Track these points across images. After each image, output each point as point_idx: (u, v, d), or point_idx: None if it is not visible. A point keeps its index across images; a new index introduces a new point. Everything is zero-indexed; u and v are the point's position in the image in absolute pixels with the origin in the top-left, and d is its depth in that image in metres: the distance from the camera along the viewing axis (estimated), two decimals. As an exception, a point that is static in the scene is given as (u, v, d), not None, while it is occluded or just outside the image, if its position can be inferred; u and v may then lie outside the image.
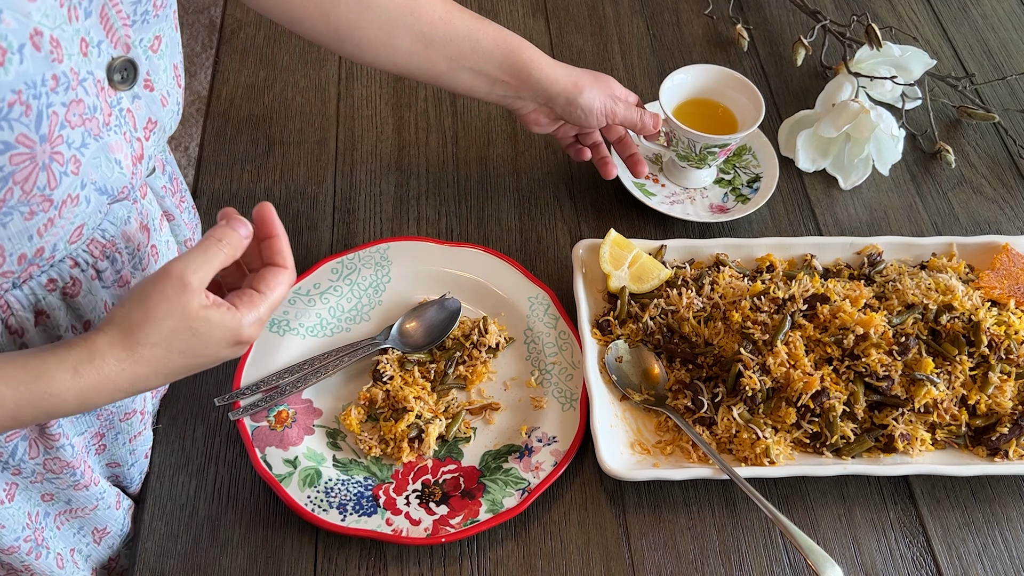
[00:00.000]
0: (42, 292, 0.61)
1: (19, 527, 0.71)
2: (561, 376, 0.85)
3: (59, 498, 0.75)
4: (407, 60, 0.84)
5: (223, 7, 1.21)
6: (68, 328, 0.64)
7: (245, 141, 1.06)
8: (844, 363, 0.81)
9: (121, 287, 0.67)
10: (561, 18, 1.21)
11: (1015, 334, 0.82)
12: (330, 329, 0.89)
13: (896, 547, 0.79)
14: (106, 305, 0.66)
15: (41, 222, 0.55)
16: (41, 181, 0.53)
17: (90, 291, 0.64)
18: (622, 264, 0.89)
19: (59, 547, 0.77)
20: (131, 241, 0.66)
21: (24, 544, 0.72)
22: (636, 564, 0.77)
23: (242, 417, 0.81)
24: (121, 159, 0.59)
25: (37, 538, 0.74)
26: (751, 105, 0.98)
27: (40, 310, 0.62)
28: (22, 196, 0.52)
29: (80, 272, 0.63)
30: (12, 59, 0.48)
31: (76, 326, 0.65)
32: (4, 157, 0.50)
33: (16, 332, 0.61)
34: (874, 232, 1.01)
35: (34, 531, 0.73)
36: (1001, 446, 0.80)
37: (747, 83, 0.98)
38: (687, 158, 0.98)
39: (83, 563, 0.82)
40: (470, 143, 1.07)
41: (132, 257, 0.67)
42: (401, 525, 0.76)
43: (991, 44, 1.22)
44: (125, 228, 0.66)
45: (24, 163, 0.51)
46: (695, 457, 0.80)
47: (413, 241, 0.93)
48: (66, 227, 0.57)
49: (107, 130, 0.57)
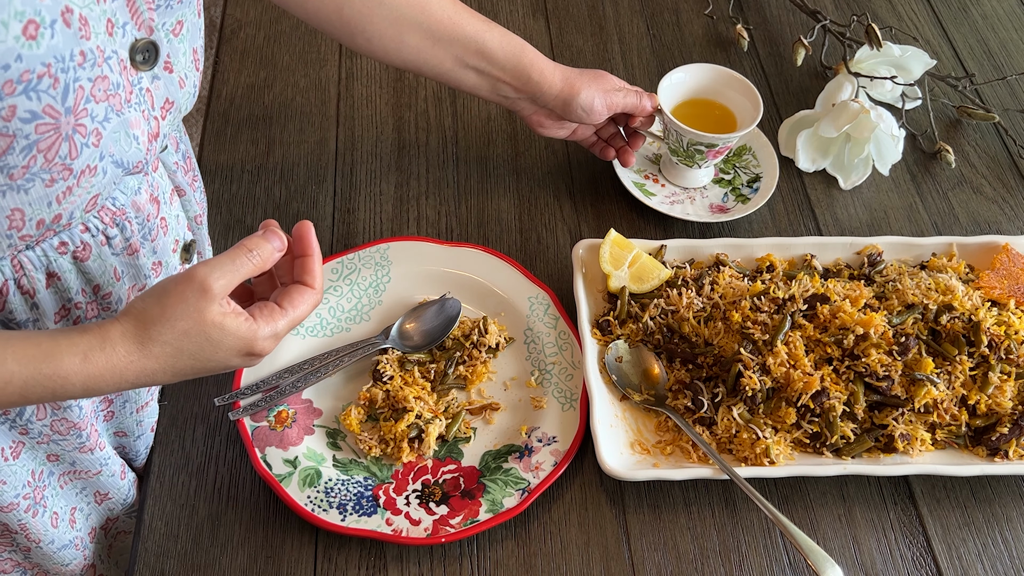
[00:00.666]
0: (54, 255, 0.63)
1: (20, 484, 0.73)
2: (561, 376, 0.85)
3: (64, 459, 0.76)
4: (415, 56, 0.86)
5: (223, 7, 1.21)
6: (78, 291, 0.66)
7: (245, 141, 1.06)
8: (844, 363, 0.81)
9: (130, 255, 0.69)
10: (561, 18, 1.21)
11: (1015, 334, 0.82)
12: (330, 329, 0.89)
13: (896, 547, 0.79)
14: (115, 271, 0.68)
15: (60, 190, 0.57)
16: (63, 151, 0.55)
17: (100, 256, 0.66)
18: (622, 264, 0.89)
19: (57, 506, 0.79)
20: (140, 211, 0.68)
21: (23, 501, 0.74)
22: (636, 564, 0.77)
23: (242, 417, 0.81)
24: (139, 135, 0.61)
25: (36, 496, 0.75)
26: (749, 105, 0.98)
27: (51, 272, 0.64)
28: (44, 164, 0.55)
29: (90, 237, 0.65)
30: (44, 33, 0.50)
31: (86, 289, 0.67)
32: (30, 126, 0.52)
33: (28, 292, 0.63)
34: (874, 232, 1.01)
35: (34, 489, 0.75)
36: (1001, 446, 0.80)
37: (746, 83, 0.98)
38: (677, 153, 0.98)
39: (83, 521, 0.83)
40: (470, 143, 1.07)
41: (142, 227, 0.69)
42: (401, 525, 0.76)
43: (991, 44, 1.22)
44: (135, 198, 0.67)
45: (48, 132, 0.53)
46: (695, 457, 0.80)
47: (413, 241, 0.93)
48: (83, 196, 0.59)
49: (128, 107, 0.59)
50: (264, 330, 0.62)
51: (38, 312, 0.64)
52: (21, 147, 0.53)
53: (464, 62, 0.86)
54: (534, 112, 0.92)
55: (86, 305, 0.67)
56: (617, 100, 0.92)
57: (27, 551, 0.80)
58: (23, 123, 0.52)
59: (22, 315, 0.63)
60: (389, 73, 1.14)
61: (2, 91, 0.49)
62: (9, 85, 0.49)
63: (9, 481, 0.72)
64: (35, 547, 0.79)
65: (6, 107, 0.50)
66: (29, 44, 0.49)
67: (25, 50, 0.49)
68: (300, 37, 1.17)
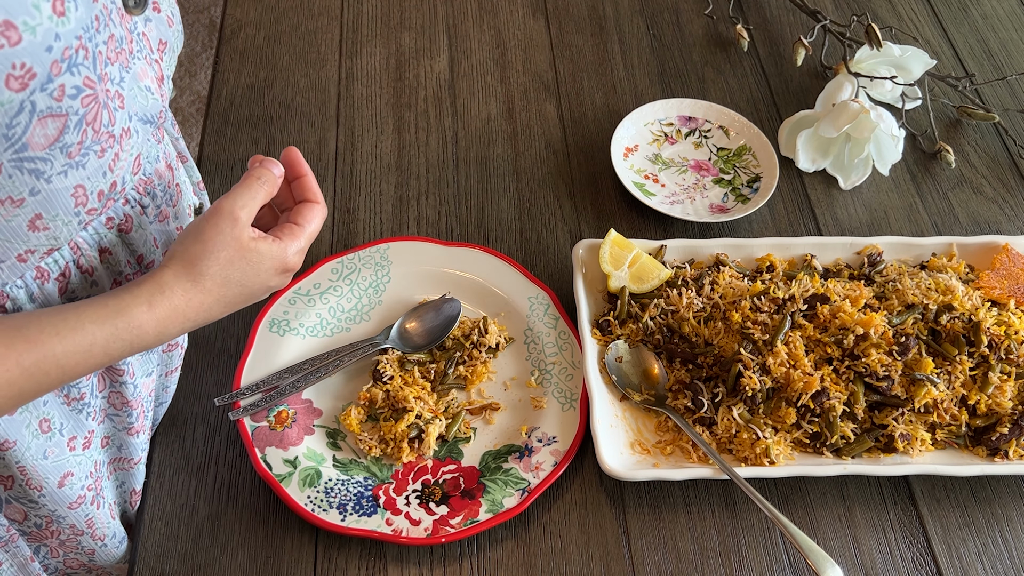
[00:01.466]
0: (103, 231, 0.65)
1: (84, 475, 0.73)
2: (561, 376, 0.85)
3: (113, 442, 0.77)
4: None
5: (223, 7, 1.21)
6: (126, 263, 0.68)
7: (245, 141, 1.06)
8: (844, 363, 0.81)
9: (161, 221, 0.71)
10: (561, 18, 1.21)
11: (1015, 334, 0.82)
12: (330, 329, 0.89)
13: (896, 547, 0.79)
14: (154, 240, 0.70)
15: (110, 157, 0.59)
16: (104, 119, 0.57)
17: (140, 226, 0.68)
18: (622, 264, 0.89)
19: (111, 498, 0.79)
20: (162, 178, 0.70)
21: (88, 493, 0.74)
22: (636, 564, 0.77)
23: (242, 417, 0.81)
24: (149, 84, 0.62)
25: (97, 487, 0.76)
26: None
27: (103, 248, 0.65)
28: (94, 135, 0.56)
29: (130, 208, 0.67)
30: (70, 6, 0.50)
31: (131, 260, 0.69)
32: (77, 101, 0.53)
33: (87, 271, 0.65)
34: (874, 232, 1.01)
35: (95, 480, 0.75)
36: (1001, 446, 0.80)
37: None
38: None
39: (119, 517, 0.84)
40: (470, 143, 1.07)
41: (165, 193, 0.71)
42: (401, 525, 0.76)
43: (991, 44, 1.22)
44: (157, 166, 0.69)
45: (91, 104, 0.55)
46: (695, 457, 0.80)
47: (413, 241, 0.93)
48: (128, 159, 0.61)
49: (132, 59, 0.60)
50: (292, 247, 0.67)
51: (97, 289, 0.66)
52: (74, 123, 0.54)
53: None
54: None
55: (134, 275, 0.69)
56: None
57: (91, 553, 0.79)
58: (71, 100, 0.53)
59: (83, 294, 0.65)
60: (389, 73, 1.14)
61: (51, 73, 0.50)
62: (56, 66, 0.50)
63: (76, 472, 0.72)
64: (100, 546, 0.79)
65: (56, 87, 0.51)
66: (61, 20, 0.50)
67: (59, 27, 0.50)
68: (300, 37, 1.17)
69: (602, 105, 1.11)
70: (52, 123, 0.52)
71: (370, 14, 1.20)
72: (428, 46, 1.17)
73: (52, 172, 0.55)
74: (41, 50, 0.49)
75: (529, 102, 1.11)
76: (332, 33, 1.18)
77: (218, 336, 0.89)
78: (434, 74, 1.14)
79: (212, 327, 0.89)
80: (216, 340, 0.89)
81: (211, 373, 0.86)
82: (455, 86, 1.13)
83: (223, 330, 0.89)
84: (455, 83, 1.13)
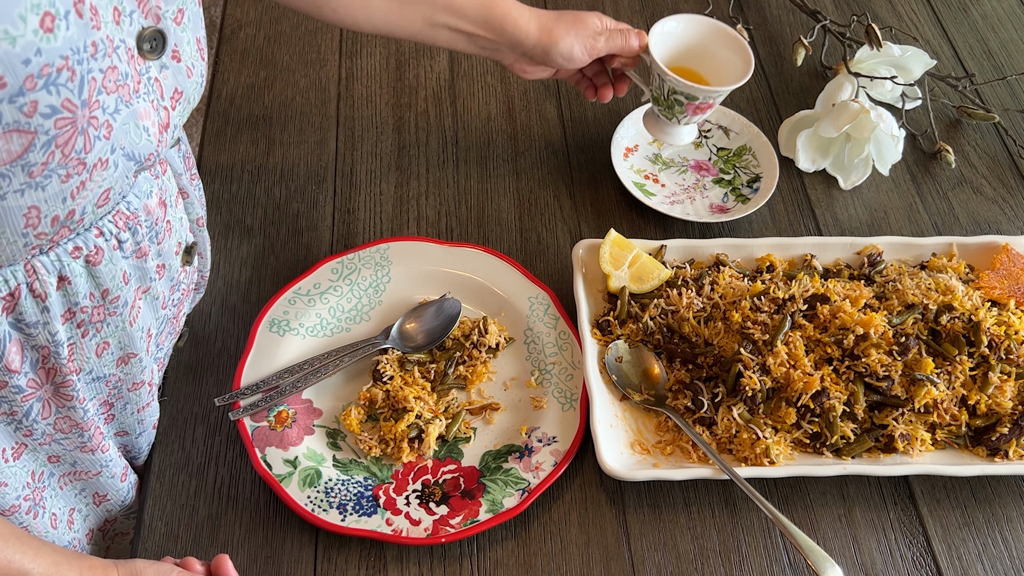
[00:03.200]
0: (67, 259, 0.63)
1: (20, 486, 0.73)
2: (561, 376, 0.85)
3: (65, 459, 0.76)
4: (384, 20, 0.87)
5: (223, 7, 1.21)
6: (86, 295, 0.66)
7: (245, 141, 1.06)
8: (844, 363, 0.81)
9: (139, 258, 0.69)
10: (561, 18, 1.21)
11: (1015, 334, 0.82)
12: (330, 329, 0.89)
13: (896, 547, 0.79)
14: (124, 275, 0.68)
15: (75, 185, 0.57)
16: (79, 145, 0.55)
17: (111, 260, 0.66)
18: (622, 264, 0.89)
19: (56, 507, 0.79)
20: (151, 215, 0.69)
21: (24, 503, 0.74)
22: (636, 564, 0.77)
23: (242, 417, 0.81)
24: (149, 126, 0.61)
25: (35, 497, 0.75)
26: (741, 64, 0.93)
27: (63, 276, 0.64)
28: (62, 159, 0.55)
29: (104, 241, 0.65)
30: (60, 25, 0.50)
31: (94, 293, 0.67)
32: (50, 121, 0.52)
33: (39, 296, 0.63)
34: (874, 232, 1.01)
35: (34, 490, 0.75)
36: (1001, 446, 0.80)
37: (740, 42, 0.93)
38: (659, 102, 0.94)
39: (81, 523, 0.83)
40: (470, 143, 1.07)
41: (150, 230, 0.70)
42: (401, 525, 0.76)
43: (991, 44, 1.22)
44: (147, 202, 0.68)
45: (66, 127, 0.53)
46: (695, 457, 0.80)
47: (413, 241, 0.93)
48: (95, 190, 0.60)
49: (136, 97, 0.59)
50: None
51: (48, 315, 0.64)
52: (41, 143, 0.53)
53: (434, 21, 0.87)
54: (515, 60, 0.92)
55: (92, 309, 0.67)
56: (599, 45, 0.90)
57: None
58: (44, 118, 0.52)
59: (32, 317, 0.63)
60: (389, 73, 1.14)
61: (24, 87, 0.49)
62: (30, 80, 0.49)
63: (10, 483, 0.71)
64: None
65: (28, 103, 0.50)
66: (47, 37, 0.49)
67: (44, 43, 0.49)
68: (300, 37, 1.17)
69: (602, 105, 1.11)
70: (17, 138, 0.51)
71: (370, 14, 1.20)
72: (428, 46, 1.17)
73: (8, 189, 0.53)
74: (17, 62, 0.48)
75: (529, 102, 1.12)
76: (332, 33, 1.18)
77: (218, 336, 0.89)
78: (434, 74, 1.14)
79: (212, 327, 0.89)
80: (216, 340, 0.89)
81: (211, 373, 0.86)
82: (455, 86, 1.13)
83: (223, 330, 0.89)
84: (455, 83, 1.13)
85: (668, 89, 0.92)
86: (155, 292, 0.73)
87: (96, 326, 0.68)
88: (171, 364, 0.87)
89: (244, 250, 0.96)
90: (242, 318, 0.90)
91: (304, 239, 0.97)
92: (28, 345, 0.65)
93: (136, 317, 0.71)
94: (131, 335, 0.72)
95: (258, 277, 0.94)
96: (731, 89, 0.91)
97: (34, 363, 0.66)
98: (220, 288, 0.93)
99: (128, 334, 0.71)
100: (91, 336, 0.69)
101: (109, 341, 0.70)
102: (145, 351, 0.75)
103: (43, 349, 0.65)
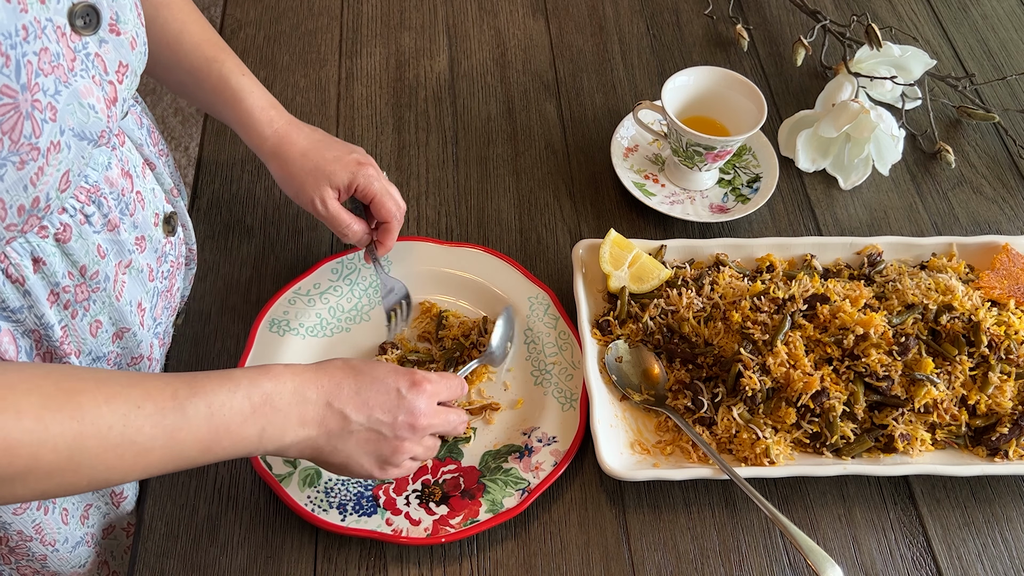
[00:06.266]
0: (36, 240, 0.63)
1: None
2: (561, 376, 0.85)
3: None
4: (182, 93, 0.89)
5: (223, 7, 1.21)
6: (64, 274, 0.66)
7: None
8: (844, 363, 0.81)
9: (110, 231, 0.69)
10: (561, 18, 1.21)
11: (1015, 334, 0.82)
12: (330, 329, 0.89)
13: (896, 547, 0.79)
14: (99, 248, 0.68)
15: (32, 171, 0.57)
16: (27, 130, 0.55)
17: (81, 235, 0.66)
18: (622, 264, 0.89)
19: (68, 502, 0.79)
20: (115, 186, 0.68)
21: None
22: (636, 564, 0.77)
23: (242, 417, 0.81)
24: (94, 103, 0.60)
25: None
26: (754, 108, 0.98)
27: (36, 257, 0.63)
28: (11, 146, 0.54)
29: (69, 218, 0.65)
30: None
31: (72, 272, 0.66)
32: None
33: (17, 280, 0.63)
34: (874, 232, 1.01)
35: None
36: (1001, 446, 0.80)
37: (751, 86, 0.98)
38: (678, 153, 0.99)
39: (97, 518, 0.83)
40: (470, 143, 1.07)
41: (118, 202, 0.69)
42: (401, 525, 0.76)
43: (991, 44, 1.22)
44: (107, 173, 0.68)
45: (9, 113, 0.53)
46: (695, 457, 0.80)
47: (413, 241, 0.93)
48: (54, 174, 0.59)
49: (73, 76, 0.58)
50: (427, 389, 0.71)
51: (31, 299, 0.64)
52: None
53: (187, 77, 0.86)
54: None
55: (75, 288, 0.67)
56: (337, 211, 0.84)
57: (43, 559, 0.79)
58: None
59: (15, 302, 0.63)
60: (389, 73, 1.14)
61: None
62: None
63: None
64: (51, 551, 0.78)
65: None
66: None
67: None
68: (300, 37, 1.17)
69: (602, 105, 1.11)
70: None
71: (370, 14, 1.20)
72: (428, 46, 1.17)
73: None
74: None
75: (529, 102, 1.12)
76: (332, 33, 1.18)
77: (218, 336, 0.89)
78: (434, 74, 1.14)
79: (212, 327, 0.89)
80: (216, 340, 0.89)
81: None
82: (455, 86, 1.13)
83: (223, 330, 0.89)
84: (455, 83, 1.13)
85: (687, 142, 0.96)
86: (139, 265, 0.72)
87: (83, 304, 0.68)
88: (171, 364, 0.87)
89: (244, 250, 0.96)
90: (242, 318, 0.90)
91: (304, 239, 0.97)
92: (19, 332, 0.65)
93: (121, 292, 0.71)
94: (120, 310, 0.72)
95: (258, 277, 0.94)
96: (748, 136, 0.96)
97: (29, 350, 0.66)
98: (220, 288, 0.93)
99: (117, 309, 0.71)
100: (81, 316, 0.69)
101: (100, 319, 0.70)
102: (139, 325, 0.75)
103: (34, 333, 0.66)
